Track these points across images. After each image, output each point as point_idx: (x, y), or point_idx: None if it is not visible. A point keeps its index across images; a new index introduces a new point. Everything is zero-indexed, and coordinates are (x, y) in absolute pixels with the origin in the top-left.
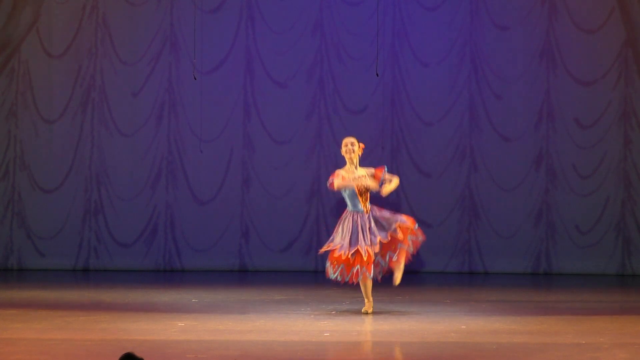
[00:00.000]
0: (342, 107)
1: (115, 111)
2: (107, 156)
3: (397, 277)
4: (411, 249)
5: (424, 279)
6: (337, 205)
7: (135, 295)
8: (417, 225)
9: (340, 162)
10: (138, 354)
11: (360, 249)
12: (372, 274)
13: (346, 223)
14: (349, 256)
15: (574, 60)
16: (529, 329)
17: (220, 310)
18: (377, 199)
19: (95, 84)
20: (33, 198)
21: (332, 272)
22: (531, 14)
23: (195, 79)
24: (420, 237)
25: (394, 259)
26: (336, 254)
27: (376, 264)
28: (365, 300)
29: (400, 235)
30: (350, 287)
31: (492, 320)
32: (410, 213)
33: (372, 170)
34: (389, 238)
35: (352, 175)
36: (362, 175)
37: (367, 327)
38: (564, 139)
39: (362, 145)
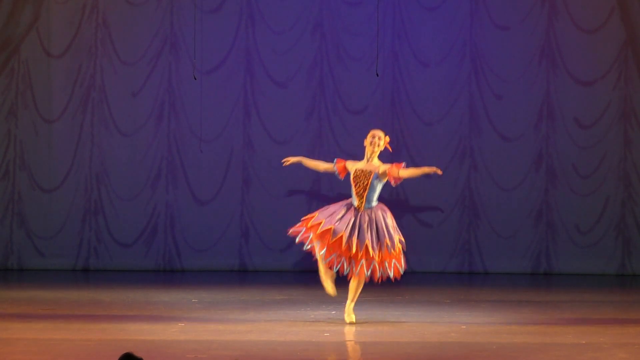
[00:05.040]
0: (342, 107)
1: (115, 111)
2: (107, 156)
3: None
4: (385, 273)
5: (424, 279)
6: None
7: (135, 295)
8: (399, 256)
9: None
10: (138, 354)
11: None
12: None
13: (342, 211)
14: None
15: (574, 60)
16: (529, 329)
17: (220, 310)
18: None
19: (95, 83)
20: (33, 198)
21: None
22: (531, 14)
23: (195, 79)
24: (397, 269)
25: (355, 271)
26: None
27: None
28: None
29: (379, 255)
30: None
31: (492, 320)
32: (411, 213)
33: (387, 165)
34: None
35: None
36: (362, 169)
37: (367, 327)
38: (564, 139)
39: (387, 138)
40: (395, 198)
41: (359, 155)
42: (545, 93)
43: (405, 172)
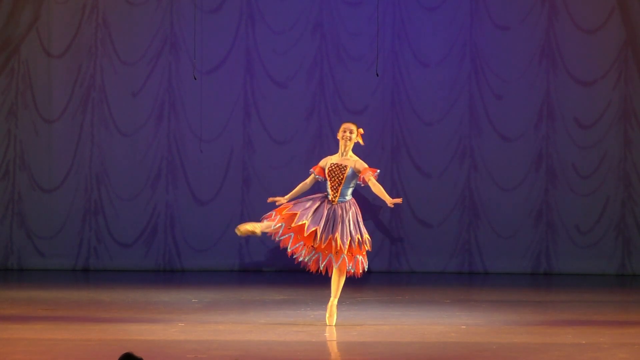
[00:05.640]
0: (342, 107)
1: (115, 111)
2: (107, 156)
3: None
4: (354, 268)
5: (424, 279)
6: None
7: (135, 295)
8: (365, 253)
9: None
10: (138, 354)
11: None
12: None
13: (316, 204)
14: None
15: (574, 60)
16: (529, 329)
17: (220, 310)
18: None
19: (95, 83)
20: (33, 198)
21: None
22: (531, 14)
23: (195, 79)
24: (363, 266)
25: (335, 265)
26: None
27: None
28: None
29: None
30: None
31: (492, 320)
32: (410, 213)
33: (364, 165)
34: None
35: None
36: (337, 163)
37: (367, 327)
38: (564, 139)
39: (360, 130)
40: (395, 197)
41: (360, 155)
42: (545, 93)
43: (373, 184)
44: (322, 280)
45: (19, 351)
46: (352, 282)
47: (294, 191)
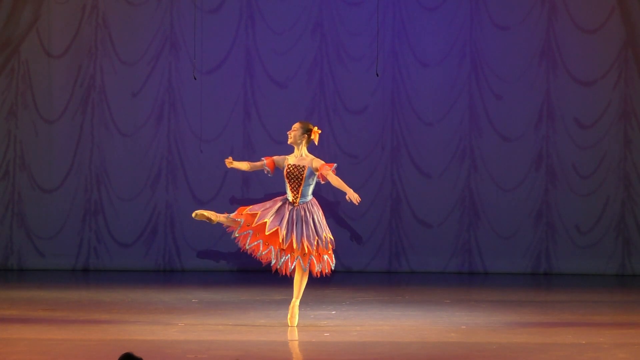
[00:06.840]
0: (342, 107)
1: (115, 111)
2: (107, 156)
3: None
4: (322, 267)
5: (424, 279)
6: (336, 204)
7: (135, 295)
8: (331, 252)
9: (342, 164)
10: (138, 354)
11: (298, 239)
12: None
13: (277, 205)
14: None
15: (574, 60)
16: (529, 329)
17: (220, 310)
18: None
19: (95, 84)
20: (33, 198)
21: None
22: (531, 14)
23: (195, 79)
24: (330, 266)
25: (304, 267)
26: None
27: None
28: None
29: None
30: (346, 285)
31: (492, 320)
32: (410, 213)
33: (320, 162)
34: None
35: (290, 162)
36: (295, 164)
37: (367, 327)
38: (564, 139)
39: (316, 130)
40: (395, 197)
41: (360, 155)
42: (545, 93)
43: (332, 178)
44: (321, 281)
45: (19, 351)
46: (353, 282)
47: (245, 163)
